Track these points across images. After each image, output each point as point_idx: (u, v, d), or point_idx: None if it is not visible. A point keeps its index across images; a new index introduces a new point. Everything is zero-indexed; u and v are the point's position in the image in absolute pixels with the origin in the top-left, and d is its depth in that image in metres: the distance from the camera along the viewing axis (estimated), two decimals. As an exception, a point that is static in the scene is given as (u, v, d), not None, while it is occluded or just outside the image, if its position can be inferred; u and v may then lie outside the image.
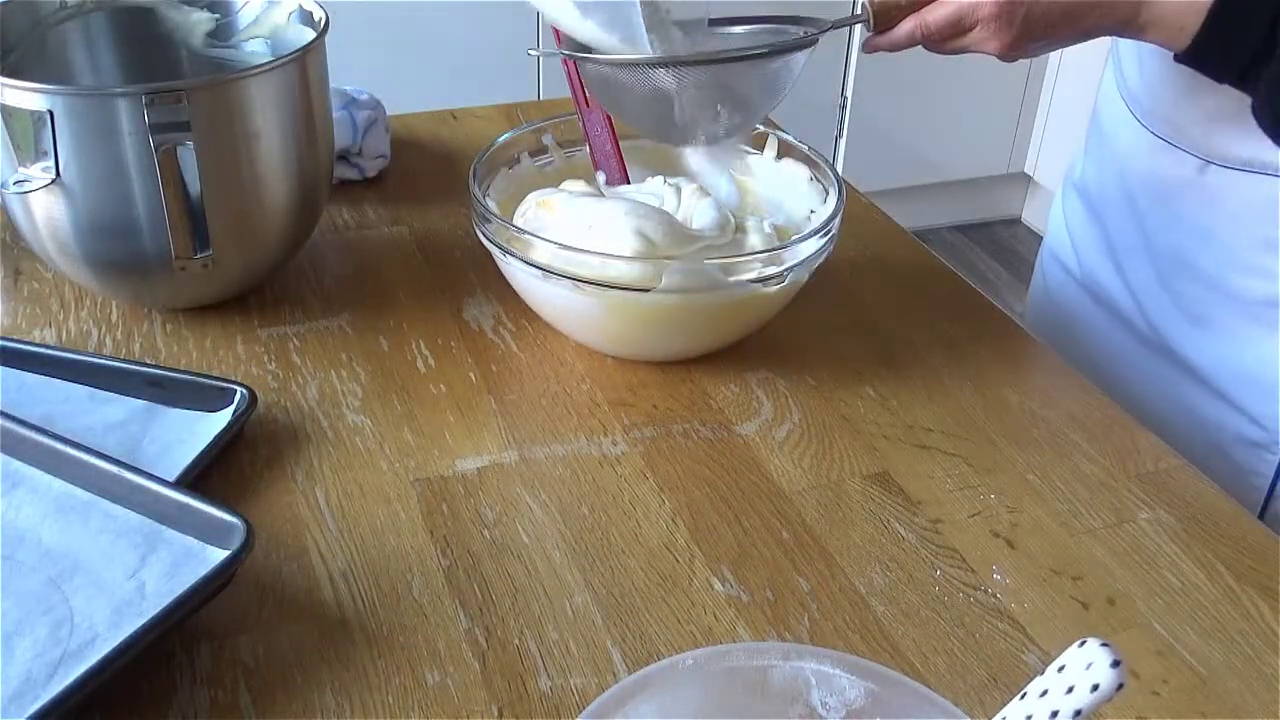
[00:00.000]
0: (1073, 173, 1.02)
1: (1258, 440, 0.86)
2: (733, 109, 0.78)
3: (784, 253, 0.75)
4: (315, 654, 0.58)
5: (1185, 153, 0.85)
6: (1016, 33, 0.74)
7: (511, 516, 0.67)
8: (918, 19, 0.75)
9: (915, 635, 0.60)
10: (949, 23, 0.74)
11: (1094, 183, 0.98)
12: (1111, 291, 0.96)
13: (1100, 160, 0.97)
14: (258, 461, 0.70)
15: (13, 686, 0.53)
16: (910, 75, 2.55)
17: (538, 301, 0.79)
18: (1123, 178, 0.93)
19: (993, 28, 0.74)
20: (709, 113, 0.77)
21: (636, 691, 0.43)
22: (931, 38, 0.76)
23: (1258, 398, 0.85)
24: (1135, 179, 0.92)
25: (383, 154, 1.02)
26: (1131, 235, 0.93)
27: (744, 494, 0.69)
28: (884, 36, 0.77)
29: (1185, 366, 0.90)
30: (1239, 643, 0.61)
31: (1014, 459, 0.73)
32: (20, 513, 0.62)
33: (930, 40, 0.76)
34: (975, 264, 2.76)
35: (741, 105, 0.78)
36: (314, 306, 0.85)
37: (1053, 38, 0.75)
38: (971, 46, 0.76)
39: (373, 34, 2.14)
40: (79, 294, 0.85)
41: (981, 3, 0.73)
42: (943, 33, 0.75)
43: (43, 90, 0.70)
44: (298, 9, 0.87)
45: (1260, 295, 0.84)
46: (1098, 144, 0.97)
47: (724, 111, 0.77)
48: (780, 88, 0.78)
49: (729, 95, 0.77)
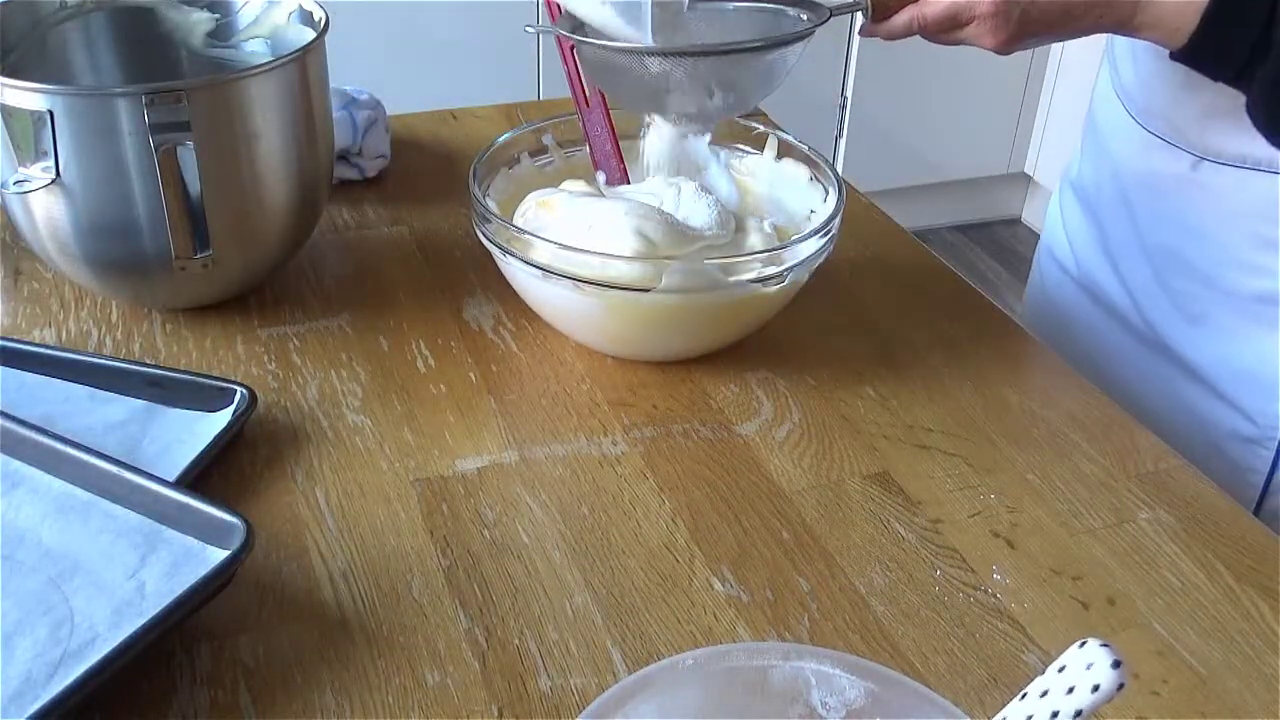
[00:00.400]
0: (1069, 171, 1.03)
1: (1253, 436, 0.86)
2: (728, 93, 0.78)
3: (784, 253, 0.75)
4: (315, 654, 0.58)
5: (1180, 149, 0.85)
6: (1013, 30, 0.74)
7: (511, 516, 0.67)
8: (916, 10, 0.76)
9: (915, 635, 0.60)
10: (946, 16, 0.75)
11: (1090, 180, 0.98)
12: (1108, 289, 0.96)
13: (1096, 158, 0.97)
14: (258, 461, 0.70)
15: (13, 686, 0.53)
16: (910, 75, 2.55)
17: (538, 301, 0.79)
18: (1117, 175, 0.93)
19: (989, 24, 0.74)
20: (704, 96, 0.77)
21: (636, 691, 0.43)
22: (928, 29, 0.76)
23: (1253, 394, 0.86)
24: (1130, 176, 0.92)
25: (383, 154, 1.02)
26: (1127, 232, 0.93)
27: (744, 494, 0.69)
28: (881, 25, 0.78)
29: (1181, 364, 0.90)
30: (1239, 643, 0.61)
31: (1014, 459, 0.73)
32: (20, 513, 0.62)
33: (926, 32, 0.77)
34: (975, 264, 2.76)
35: (737, 90, 0.79)
36: (314, 306, 0.85)
37: (1049, 34, 0.76)
38: (968, 40, 0.76)
39: (373, 34, 2.14)
40: (79, 294, 0.85)
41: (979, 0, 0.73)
42: (940, 25, 0.75)
43: (43, 90, 0.70)
44: (298, 9, 0.87)
45: (1255, 292, 0.84)
46: (1093, 142, 0.97)
47: (719, 95, 0.78)
48: (776, 76, 0.79)
49: (725, 81, 0.77)
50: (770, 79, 0.79)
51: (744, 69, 0.77)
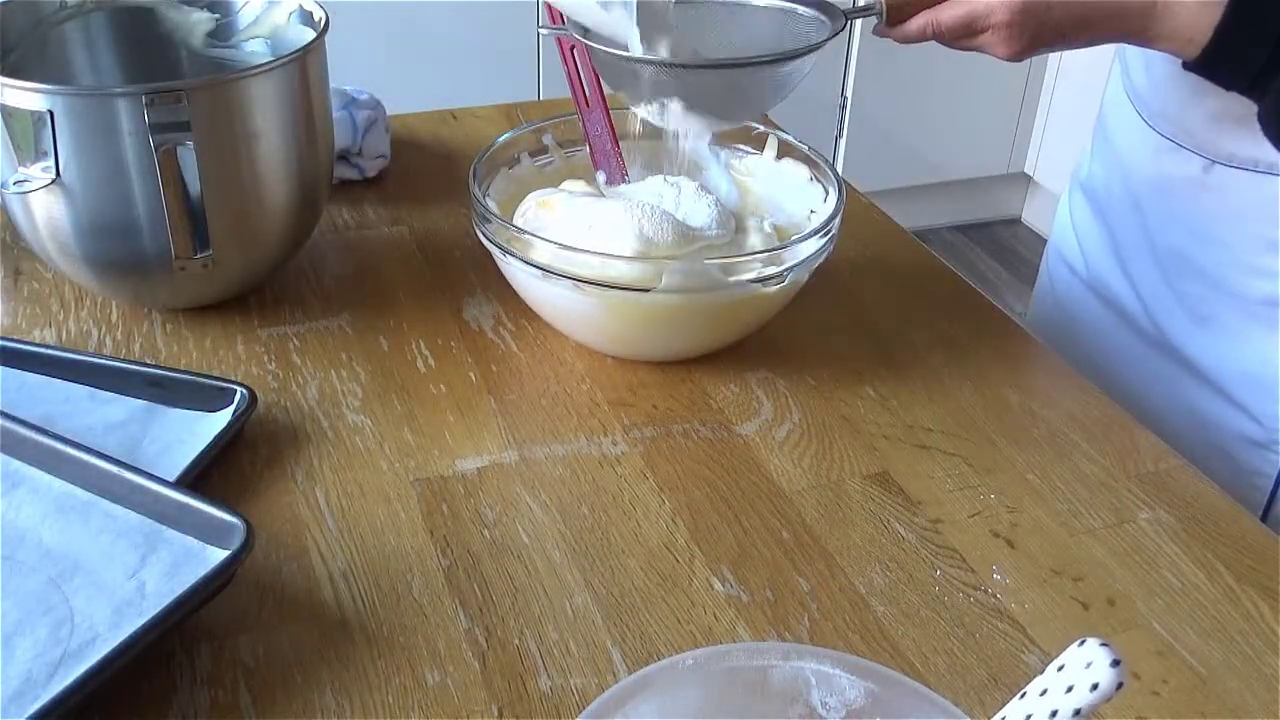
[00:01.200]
0: (1079, 173, 1.02)
1: (1260, 440, 0.86)
2: (739, 101, 0.78)
3: (784, 253, 0.75)
4: (315, 654, 0.58)
5: (1191, 153, 0.85)
6: (1027, 41, 0.74)
7: (511, 516, 0.67)
8: (931, 15, 0.76)
9: (915, 635, 0.60)
10: (961, 24, 0.75)
11: (1100, 182, 0.98)
12: (1116, 291, 0.96)
13: (1106, 160, 0.97)
14: (258, 461, 0.70)
15: (13, 686, 0.53)
16: (910, 75, 2.55)
17: (538, 301, 0.79)
18: (1128, 178, 0.93)
19: (1004, 34, 0.74)
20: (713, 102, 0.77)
21: (636, 691, 0.43)
22: (942, 36, 0.76)
23: (1260, 397, 0.85)
24: (1141, 179, 0.92)
25: (383, 154, 1.02)
26: (1136, 234, 0.93)
27: (744, 494, 0.69)
28: (895, 29, 0.78)
29: (1188, 366, 0.90)
30: (1239, 643, 0.61)
31: (1014, 459, 0.73)
32: (20, 513, 0.62)
33: (942, 39, 0.76)
34: (975, 264, 2.76)
35: (750, 98, 0.78)
36: (314, 306, 0.85)
37: (1061, 44, 0.76)
38: (982, 48, 0.76)
39: (373, 34, 2.14)
40: (79, 294, 0.85)
41: (995, 8, 0.73)
42: (954, 32, 0.75)
43: (43, 90, 0.70)
44: (298, 9, 0.87)
45: (1263, 295, 0.84)
46: (1103, 144, 0.97)
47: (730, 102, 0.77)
48: (787, 87, 0.78)
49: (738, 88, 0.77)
50: (782, 89, 0.78)
51: (756, 78, 0.77)
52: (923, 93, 2.59)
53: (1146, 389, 0.91)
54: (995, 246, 2.84)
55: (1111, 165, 0.96)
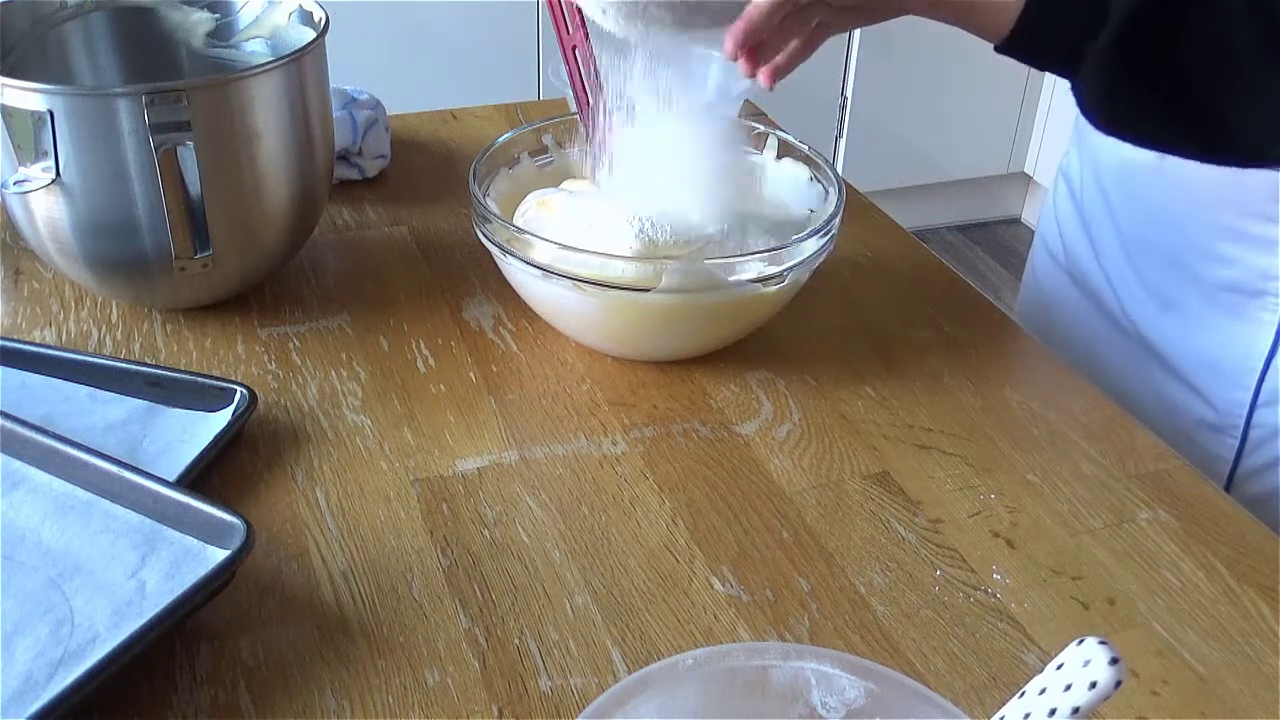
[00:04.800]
0: (1062, 161, 1.04)
1: (1217, 424, 0.87)
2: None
3: (784, 253, 0.75)
4: (315, 654, 0.58)
5: None
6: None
7: (511, 516, 0.67)
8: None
9: (915, 635, 0.60)
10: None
11: (1075, 170, 1.00)
12: (1090, 275, 0.98)
13: (1080, 146, 1.00)
14: (258, 461, 0.70)
15: (13, 686, 0.53)
16: (910, 75, 2.55)
17: (537, 301, 0.79)
18: (1096, 164, 0.96)
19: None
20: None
21: (636, 691, 0.43)
22: None
23: (1217, 382, 0.87)
24: (1106, 165, 0.94)
25: (383, 154, 1.02)
26: (1104, 220, 0.95)
27: (744, 494, 0.69)
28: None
29: (1154, 351, 0.92)
30: (1239, 643, 0.61)
31: (1014, 459, 0.73)
32: (20, 513, 0.62)
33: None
34: (975, 264, 2.76)
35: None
36: (314, 306, 0.85)
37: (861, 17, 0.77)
38: None
39: (373, 34, 2.14)
40: (79, 294, 0.85)
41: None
42: None
43: (43, 90, 0.70)
44: (298, 9, 0.87)
45: (1219, 280, 0.85)
46: (1079, 130, 0.99)
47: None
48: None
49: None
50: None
51: None
52: (923, 93, 2.59)
53: (1118, 372, 0.93)
54: (995, 246, 2.84)
55: (1084, 152, 0.98)
